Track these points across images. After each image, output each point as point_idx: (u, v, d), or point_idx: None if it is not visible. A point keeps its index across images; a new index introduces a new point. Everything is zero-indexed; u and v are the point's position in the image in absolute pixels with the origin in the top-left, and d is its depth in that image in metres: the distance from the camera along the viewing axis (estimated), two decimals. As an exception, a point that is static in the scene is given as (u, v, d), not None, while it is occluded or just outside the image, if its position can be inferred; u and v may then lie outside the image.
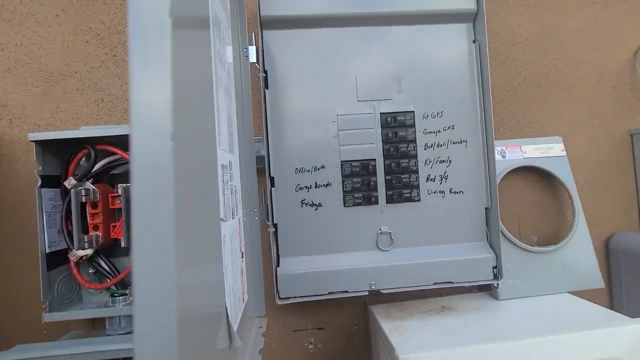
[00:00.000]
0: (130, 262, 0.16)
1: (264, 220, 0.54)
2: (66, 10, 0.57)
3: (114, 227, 0.48)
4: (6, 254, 0.55)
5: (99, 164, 0.49)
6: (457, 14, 0.55)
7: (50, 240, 0.48)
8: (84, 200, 0.47)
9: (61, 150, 0.49)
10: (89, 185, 0.48)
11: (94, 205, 0.48)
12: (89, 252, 0.47)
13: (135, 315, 0.16)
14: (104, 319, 0.50)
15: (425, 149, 0.55)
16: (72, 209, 0.46)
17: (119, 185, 0.48)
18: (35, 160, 0.47)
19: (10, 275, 0.55)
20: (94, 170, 0.49)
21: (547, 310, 0.54)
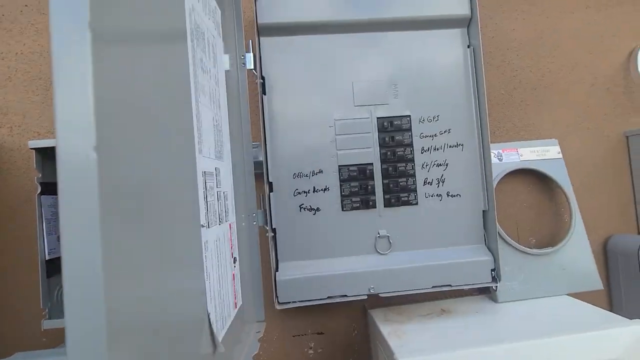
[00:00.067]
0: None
1: (262, 224, 0.54)
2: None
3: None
4: (5, 261, 0.55)
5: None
6: (452, 20, 0.55)
7: (50, 247, 0.48)
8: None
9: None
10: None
11: (93, 211, 0.48)
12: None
13: (66, 328, 0.16)
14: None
15: (422, 153, 0.55)
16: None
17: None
18: (35, 167, 0.47)
19: (9, 282, 0.55)
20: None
21: (546, 313, 0.54)
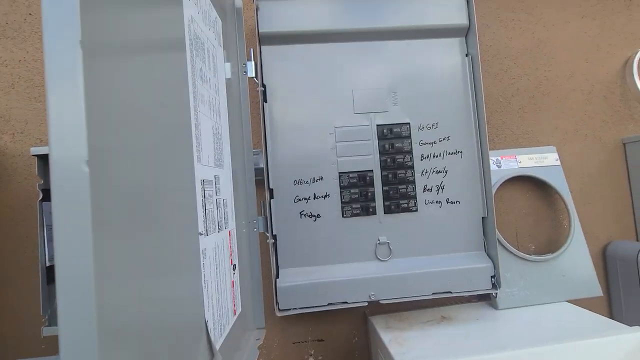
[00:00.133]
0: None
1: (263, 231, 0.54)
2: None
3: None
4: (6, 267, 0.55)
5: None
6: (450, 29, 0.56)
7: (50, 253, 0.48)
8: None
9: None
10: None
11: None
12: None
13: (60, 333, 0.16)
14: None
15: (421, 160, 0.56)
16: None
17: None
18: (36, 174, 0.47)
19: (10, 288, 0.55)
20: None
21: (546, 320, 0.54)
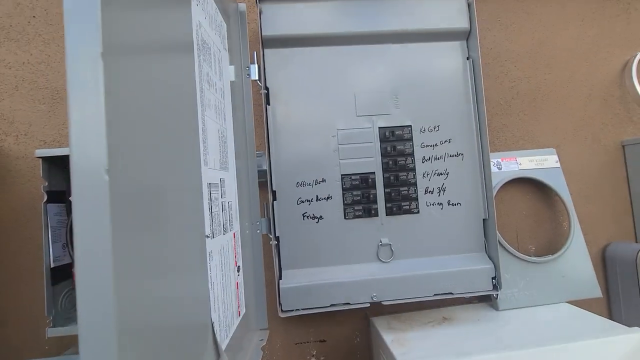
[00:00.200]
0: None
1: (266, 233, 0.55)
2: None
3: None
4: (9, 268, 0.55)
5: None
6: (451, 33, 0.57)
7: (55, 254, 0.48)
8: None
9: (67, 166, 0.50)
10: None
11: (98, 220, 0.48)
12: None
13: (80, 332, 0.17)
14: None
15: (423, 162, 0.56)
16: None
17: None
18: (41, 176, 0.48)
19: (14, 289, 0.55)
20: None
21: (547, 320, 0.55)
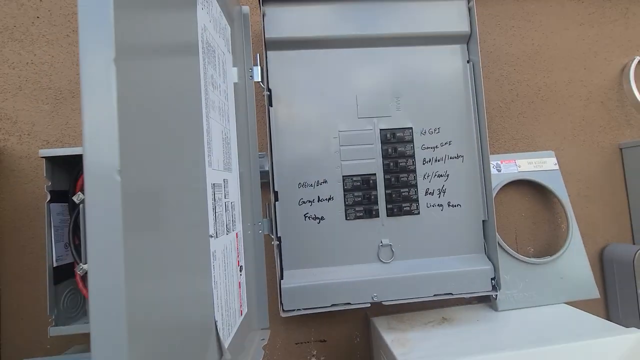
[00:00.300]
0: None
1: (268, 233, 0.55)
2: (77, 31, 0.59)
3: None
4: (12, 267, 0.55)
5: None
6: (452, 36, 0.57)
7: (57, 254, 0.48)
8: (92, 215, 0.48)
9: (70, 166, 0.51)
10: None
11: (101, 219, 0.48)
12: (95, 266, 0.48)
13: (92, 331, 0.17)
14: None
15: (423, 164, 0.57)
16: (81, 223, 0.47)
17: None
18: (45, 176, 0.48)
19: (15, 288, 0.55)
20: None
21: (545, 321, 0.55)
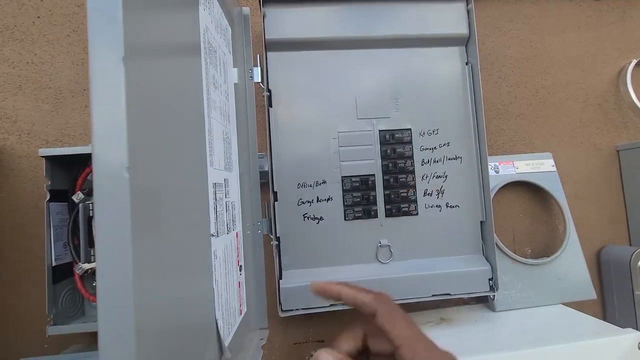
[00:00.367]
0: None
1: (267, 233, 0.55)
2: (77, 31, 0.59)
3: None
4: (10, 267, 0.55)
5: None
6: (451, 38, 0.58)
7: (56, 253, 0.48)
8: (91, 214, 0.48)
9: (69, 165, 0.51)
10: (96, 199, 0.49)
11: (101, 219, 0.49)
12: (94, 265, 0.48)
13: (99, 329, 0.17)
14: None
15: (422, 165, 0.57)
16: (80, 223, 0.47)
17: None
18: (44, 175, 0.48)
19: (14, 287, 0.55)
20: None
21: (542, 322, 0.56)
